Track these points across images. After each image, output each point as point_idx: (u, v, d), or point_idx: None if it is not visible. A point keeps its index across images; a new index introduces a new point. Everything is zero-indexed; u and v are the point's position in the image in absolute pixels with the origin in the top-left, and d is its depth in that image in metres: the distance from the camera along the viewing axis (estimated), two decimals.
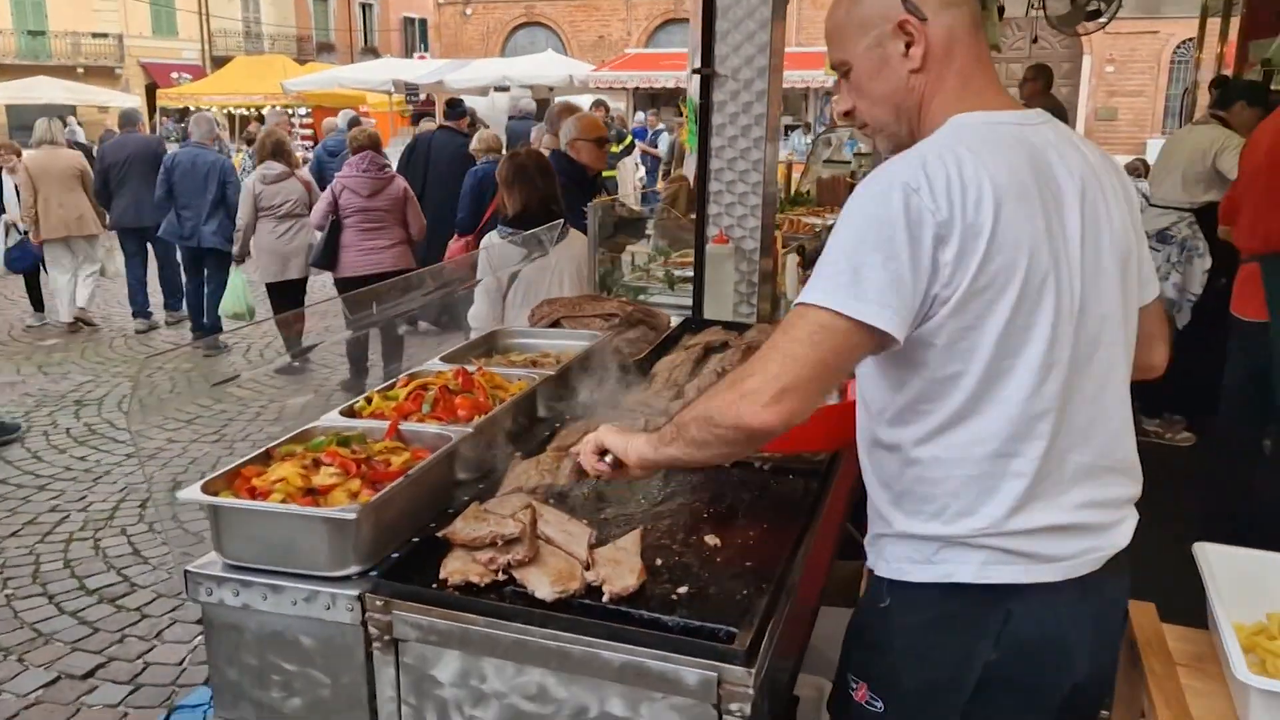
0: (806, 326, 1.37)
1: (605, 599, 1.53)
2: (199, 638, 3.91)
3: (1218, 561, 1.87)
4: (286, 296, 7.50)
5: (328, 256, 6.74)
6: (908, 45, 1.50)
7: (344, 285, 6.67)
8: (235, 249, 7.64)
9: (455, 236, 6.98)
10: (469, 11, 34.42)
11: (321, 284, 8.73)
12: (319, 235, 6.89)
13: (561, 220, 3.95)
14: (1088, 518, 1.49)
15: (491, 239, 4.11)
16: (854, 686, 1.61)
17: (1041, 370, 1.42)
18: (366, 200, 6.59)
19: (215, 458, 5.84)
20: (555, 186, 4.07)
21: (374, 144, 6.77)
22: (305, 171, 7.48)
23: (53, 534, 4.89)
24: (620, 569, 1.59)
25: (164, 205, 8.29)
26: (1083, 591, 1.49)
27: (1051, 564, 1.46)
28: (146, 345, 8.73)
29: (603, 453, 1.70)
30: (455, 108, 9.08)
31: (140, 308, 9.16)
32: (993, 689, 1.49)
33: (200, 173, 8.06)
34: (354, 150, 6.82)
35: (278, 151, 7.40)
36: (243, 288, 7.79)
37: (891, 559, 1.56)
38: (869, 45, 1.53)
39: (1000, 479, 1.44)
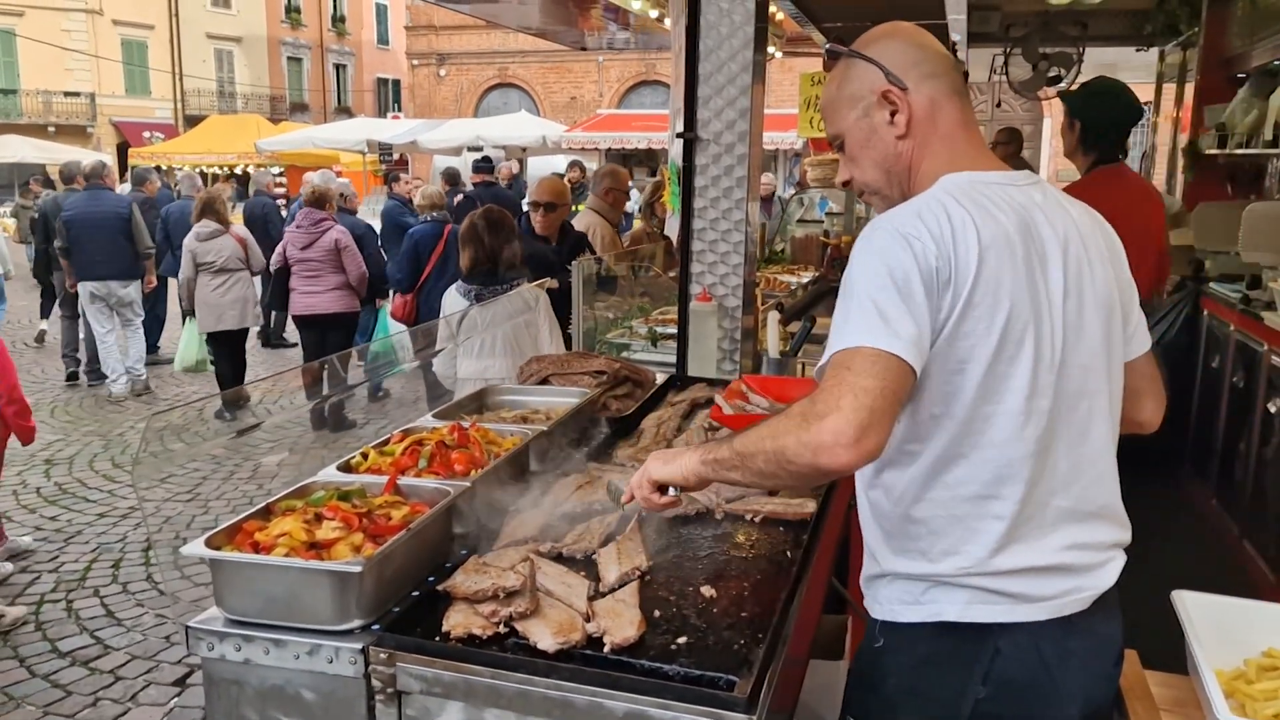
0: (864, 361, 1.38)
1: (606, 649, 1.56)
2: (174, 700, 3.86)
3: (1196, 609, 1.93)
4: (224, 345, 7.98)
5: (279, 298, 7.58)
6: (892, 114, 1.61)
7: (295, 321, 7.94)
8: (183, 304, 8.12)
9: (397, 294, 7.46)
10: (443, 73, 34.87)
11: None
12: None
13: (516, 279, 4.16)
14: (1071, 559, 1.55)
15: (449, 295, 4.36)
16: None
17: (1021, 417, 1.49)
18: (301, 251, 7.44)
19: (190, 517, 5.79)
20: (505, 244, 4.23)
21: (315, 201, 7.52)
22: (239, 228, 8.23)
23: (24, 595, 4.81)
24: (620, 620, 1.62)
25: (162, 249, 9.37)
26: (1069, 630, 1.54)
27: (1035, 604, 1.52)
28: (118, 406, 8.64)
29: (661, 488, 1.73)
30: (487, 161, 10.37)
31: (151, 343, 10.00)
32: None
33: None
34: (304, 204, 7.64)
35: (208, 210, 7.88)
36: (197, 340, 8.21)
37: (884, 600, 1.62)
38: (858, 116, 1.65)
39: (981, 520, 1.51)
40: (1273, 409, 4.22)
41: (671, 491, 1.74)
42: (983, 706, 1.53)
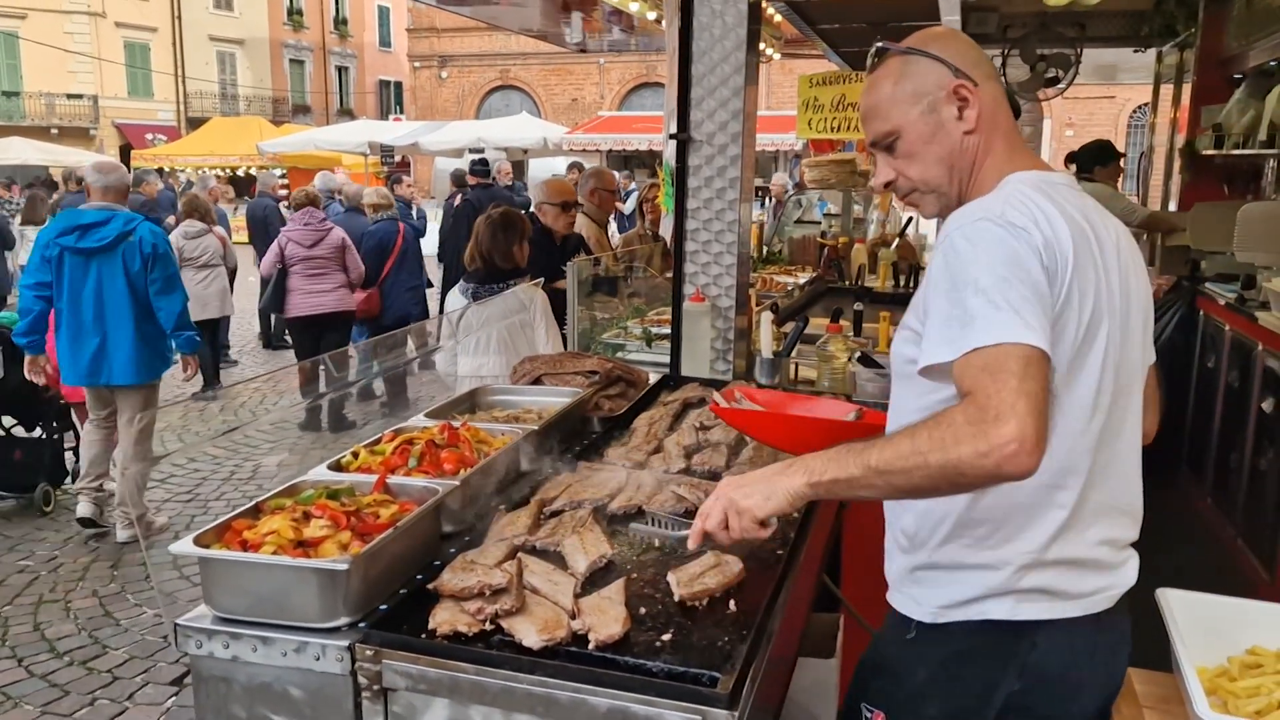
0: (1020, 363, 1.35)
1: (591, 646, 1.57)
2: (171, 699, 3.87)
3: (1180, 607, 1.93)
4: (205, 333, 8.54)
5: (277, 300, 7.62)
6: (961, 109, 1.61)
7: (292, 324, 7.96)
8: None
9: (358, 290, 7.84)
10: (444, 75, 34.91)
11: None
12: (254, 280, 8.19)
13: (513, 279, 4.19)
14: (1103, 555, 1.59)
15: (453, 294, 4.42)
16: (869, 715, 1.70)
17: (1090, 409, 1.53)
18: (308, 250, 7.50)
19: (189, 518, 5.81)
20: (503, 243, 4.27)
21: (313, 201, 7.79)
22: (218, 229, 9.08)
23: (22, 595, 4.83)
24: (605, 617, 1.63)
25: None
26: (1098, 626, 1.59)
27: (1074, 600, 1.56)
28: None
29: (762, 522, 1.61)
30: (484, 164, 10.53)
31: None
32: (1010, 718, 1.58)
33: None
34: (296, 207, 7.81)
35: (194, 211, 8.73)
36: None
37: (923, 597, 1.64)
38: (922, 112, 1.63)
39: (1046, 509, 1.54)
40: (1267, 408, 4.23)
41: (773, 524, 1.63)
42: (1014, 699, 1.56)
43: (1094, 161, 6.27)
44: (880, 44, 1.70)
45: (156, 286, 5.25)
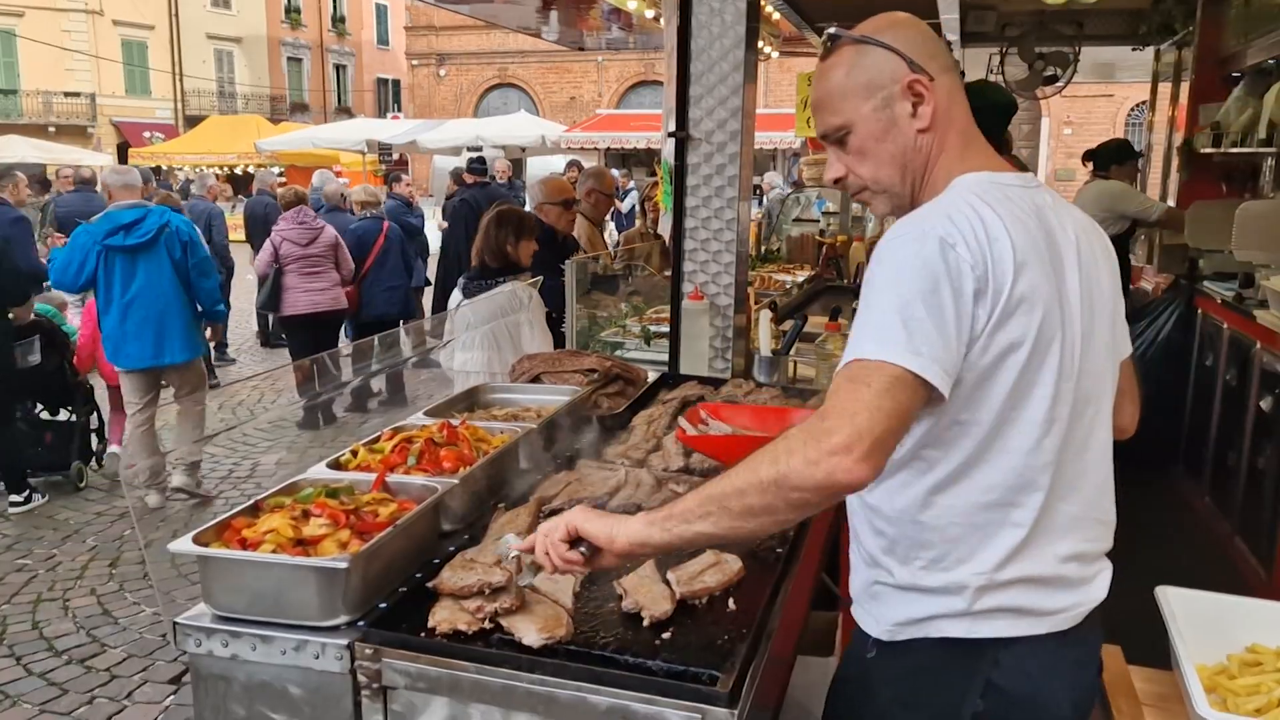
0: (882, 379, 1.31)
1: (646, 623, 1.62)
2: (170, 698, 3.87)
3: (1179, 605, 1.94)
4: None
5: (274, 300, 7.63)
6: (915, 105, 1.53)
7: (288, 323, 7.96)
8: None
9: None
10: (442, 73, 34.91)
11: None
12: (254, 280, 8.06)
13: (504, 277, 4.18)
14: (1070, 571, 1.53)
15: (455, 292, 4.41)
16: None
17: (1044, 425, 1.46)
18: (304, 248, 7.56)
19: (188, 515, 5.80)
20: (495, 241, 4.27)
21: (301, 199, 7.97)
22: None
23: (20, 594, 4.82)
24: (654, 594, 1.67)
25: None
26: (1063, 642, 1.54)
27: (1037, 618, 1.51)
28: None
29: (574, 541, 1.53)
30: (481, 163, 10.30)
31: None
32: None
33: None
34: (285, 207, 7.84)
35: (179, 210, 8.86)
36: None
37: (880, 614, 1.59)
38: (876, 107, 1.54)
39: (1000, 527, 1.48)
40: (1265, 407, 4.24)
41: (582, 549, 1.53)
42: (977, 719, 1.52)
43: (1111, 160, 6.25)
44: (833, 30, 1.60)
45: (197, 270, 5.90)
